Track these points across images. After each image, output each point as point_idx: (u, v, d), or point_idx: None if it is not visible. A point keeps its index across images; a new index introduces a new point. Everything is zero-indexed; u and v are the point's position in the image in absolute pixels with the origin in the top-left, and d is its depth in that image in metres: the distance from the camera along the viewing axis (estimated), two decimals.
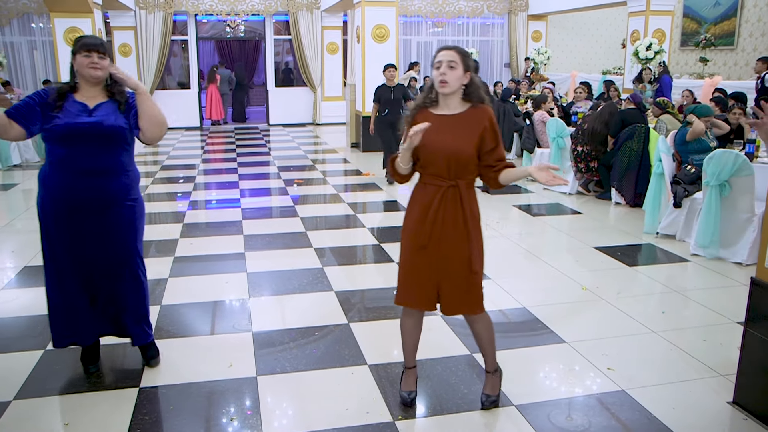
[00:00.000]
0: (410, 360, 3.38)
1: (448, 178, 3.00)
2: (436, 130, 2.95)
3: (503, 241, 6.37)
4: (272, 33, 16.65)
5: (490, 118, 3.02)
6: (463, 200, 3.02)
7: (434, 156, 2.97)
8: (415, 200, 3.10)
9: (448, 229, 3.02)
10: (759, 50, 14.53)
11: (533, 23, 17.71)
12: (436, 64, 2.98)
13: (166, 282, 5.19)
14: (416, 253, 3.07)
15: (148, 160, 11.75)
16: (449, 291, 3.10)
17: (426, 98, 3.10)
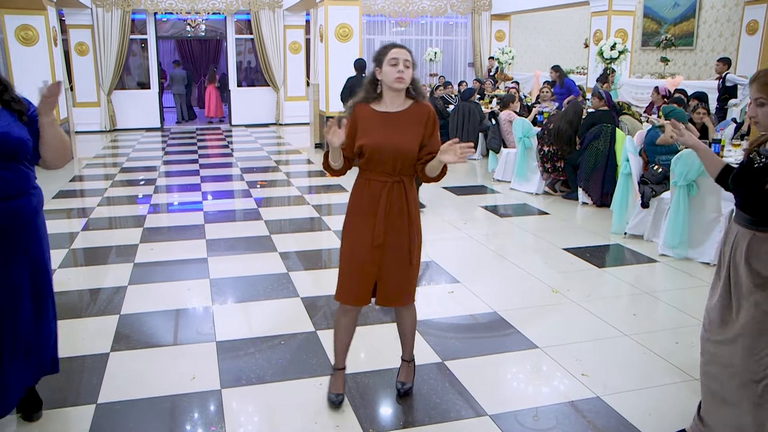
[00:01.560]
0: (341, 361, 3.36)
1: (393, 174, 3.03)
2: (380, 127, 3.00)
3: (471, 243, 6.30)
4: (234, 32, 16.39)
5: (431, 115, 3.08)
6: (408, 195, 3.08)
7: (381, 153, 2.99)
8: (361, 197, 3.10)
9: (393, 224, 3.06)
10: (717, 51, 14.78)
11: (496, 23, 17.75)
12: (392, 61, 2.97)
13: (125, 290, 4.99)
14: (364, 250, 3.07)
15: (108, 162, 11.44)
16: (388, 284, 3.15)
17: (370, 94, 3.09)
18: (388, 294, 3.18)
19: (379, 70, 3.03)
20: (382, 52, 3.04)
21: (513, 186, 8.80)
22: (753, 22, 13.50)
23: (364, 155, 3.02)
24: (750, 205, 2.56)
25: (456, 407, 3.32)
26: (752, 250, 2.53)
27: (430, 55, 16.43)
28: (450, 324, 4.40)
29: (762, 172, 2.51)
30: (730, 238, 2.66)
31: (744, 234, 2.57)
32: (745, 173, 2.58)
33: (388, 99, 3.06)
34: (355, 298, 3.17)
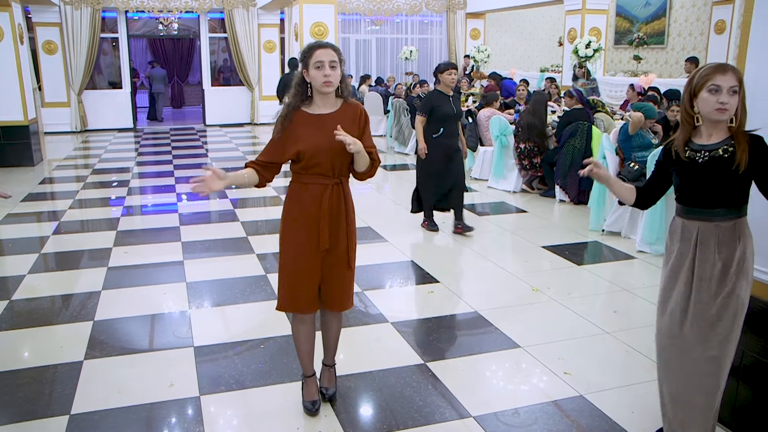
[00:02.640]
0: (309, 368, 3.30)
1: (332, 177, 3.00)
2: (318, 130, 2.93)
3: (450, 242, 6.27)
4: (207, 31, 16.21)
5: (362, 112, 3.07)
6: (346, 197, 3.07)
7: (320, 156, 2.94)
8: (300, 201, 3.02)
9: (334, 227, 3.04)
10: (687, 49, 14.96)
11: (471, 21, 17.77)
12: (316, 63, 2.89)
13: (99, 295, 4.88)
14: (307, 255, 3.02)
15: (79, 163, 11.23)
16: (330, 287, 3.11)
17: (299, 97, 3.00)
18: (330, 298, 3.14)
19: (307, 72, 2.94)
20: (307, 53, 2.94)
21: (490, 184, 8.80)
22: (720, 22, 13.73)
23: (302, 160, 2.95)
24: (710, 200, 2.59)
25: (439, 409, 3.28)
26: (721, 241, 2.58)
27: (406, 54, 16.39)
28: (431, 324, 4.36)
29: (713, 164, 2.55)
30: (690, 236, 2.66)
31: (708, 227, 2.60)
32: (697, 171, 2.59)
33: (319, 101, 3.00)
34: (304, 306, 3.10)
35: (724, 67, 2.50)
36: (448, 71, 6.17)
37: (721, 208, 2.58)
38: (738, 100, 2.50)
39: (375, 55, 17.97)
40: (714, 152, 2.55)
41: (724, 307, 2.59)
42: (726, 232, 2.58)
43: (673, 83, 11.19)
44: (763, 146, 2.52)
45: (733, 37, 13.04)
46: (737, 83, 2.48)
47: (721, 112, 2.49)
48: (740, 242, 2.59)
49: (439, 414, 3.24)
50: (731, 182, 2.53)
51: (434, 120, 6.22)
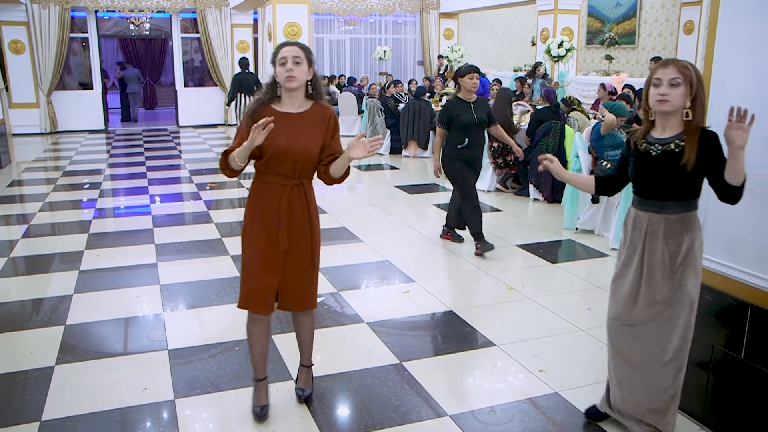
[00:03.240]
0: (261, 371, 3.26)
1: (293, 177, 2.99)
2: (283, 128, 2.90)
3: (425, 242, 6.29)
4: (179, 31, 16.06)
5: (331, 116, 3.05)
6: (308, 198, 3.05)
7: (281, 156, 2.93)
8: (260, 201, 3.01)
9: (295, 227, 3.02)
10: (657, 49, 15.17)
11: (445, 21, 17.84)
12: (280, 60, 2.90)
13: (71, 298, 4.81)
14: (266, 255, 3.00)
15: (49, 165, 11.07)
16: (291, 289, 3.10)
17: (268, 94, 3.01)
18: (291, 299, 3.13)
19: (275, 71, 2.96)
20: (274, 52, 2.97)
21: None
22: (689, 23, 13.97)
23: (264, 157, 2.94)
24: (660, 193, 2.68)
25: (416, 408, 3.29)
26: (668, 233, 2.69)
27: (380, 54, 16.40)
28: (406, 324, 4.37)
29: (664, 158, 2.64)
30: (641, 226, 2.76)
31: (657, 219, 2.70)
32: (649, 163, 2.69)
33: (287, 99, 2.99)
34: (262, 306, 3.08)
35: (666, 61, 2.63)
36: (470, 75, 5.62)
37: (670, 201, 2.68)
38: (682, 92, 2.58)
39: (349, 55, 17.96)
40: (666, 146, 2.64)
41: (672, 297, 2.72)
42: (673, 224, 2.68)
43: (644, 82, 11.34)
44: (714, 142, 2.59)
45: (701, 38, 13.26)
46: (679, 75, 2.56)
47: (662, 104, 2.59)
48: (688, 235, 2.68)
49: (415, 413, 3.25)
50: (681, 177, 2.61)
51: (455, 130, 5.69)
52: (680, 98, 2.58)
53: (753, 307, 2.82)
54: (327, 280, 5.16)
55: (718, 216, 2.98)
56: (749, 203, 2.80)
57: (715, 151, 2.58)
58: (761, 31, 2.70)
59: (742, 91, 2.80)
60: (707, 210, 3.02)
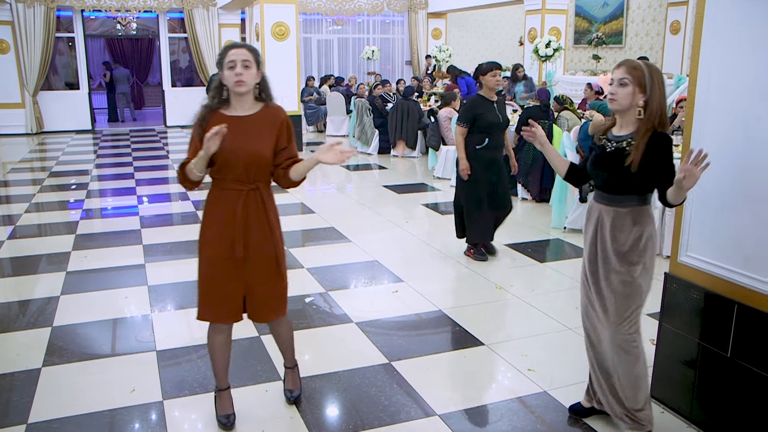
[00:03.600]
0: (224, 381, 3.19)
1: (248, 182, 2.91)
2: (233, 132, 2.80)
3: (413, 241, 6.29)
4: (167, 31, 15.99)
5: (284, 118, 2.99)
6: (265, 202, 2.97)
7: (233, 160, 2.85)
8: (215, 208, 2.95)
9: (254, 233, 2.94)
10: (644, 49, 15.27)
11: (433, 21, 17.86)
12: (229, 63, 2.82)
13: (58, 300, 4.78)
14: (224, 263, 2.93)
15: (35, 166, 10.99)
16: (259, 297, 3.02)
17: (216, 99, 2.93)
18: (259, 309, 3.05)
19: (222, 74, 2.88)
20: (221, 54, 2.88)
21: (453, 183, 8.83)
22: (675, 23, 14.07)
23: (216, 162, 2.87)
24: (611, 186, 2.80)
25: (405, 408, 3.29)
26: (615, 226, 2.79)
27: (368, 54, 16.41)
28: (395, 324, 4.37)
29: (615, 155, 2.76)
30: (594, 217, 2.90)
31: (607, 212, 2.82)
32: (602, 158, 2.82)
33: (236, 103, 2.91)
34: (223, 315, 3.00)
35: (621, 62, 2.76)
36: (492, 72, 5.31)
37: (620, 195, 2.78)
38: (629, 92, 2.68)
39: (337, 55, 17.95)
40: (620, 143, 2.76)
41: (621, 288, 2.81)
42: (623, 217, 2.78)
43: None
44: (662, 144, 2.67)
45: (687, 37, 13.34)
46: (627, 75, 2.67)
47: (611, 102, 2.75)
48: (636, 227, 2.77)
49: (404, 413, 3.25)
50: (628, 174, 2.70)
51: (477, 130, 5.39)
52: (627, 97, 2.69)
53: (739, 305, 2.84)
54: (315, 280, 5.15)
55: (704, 215, 3.00)
56: (736, 203, 2.83)
57: (663, 154, 2.67)
58: (747, 31, 2.72)
59: (728, 90, 2.83)
60: (693, 209, 3.04)
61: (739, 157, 2.80)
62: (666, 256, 5.44)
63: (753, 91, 2.72)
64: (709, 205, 2.96)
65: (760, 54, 2.67)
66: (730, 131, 2.83)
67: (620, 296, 2.83)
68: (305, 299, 4.78)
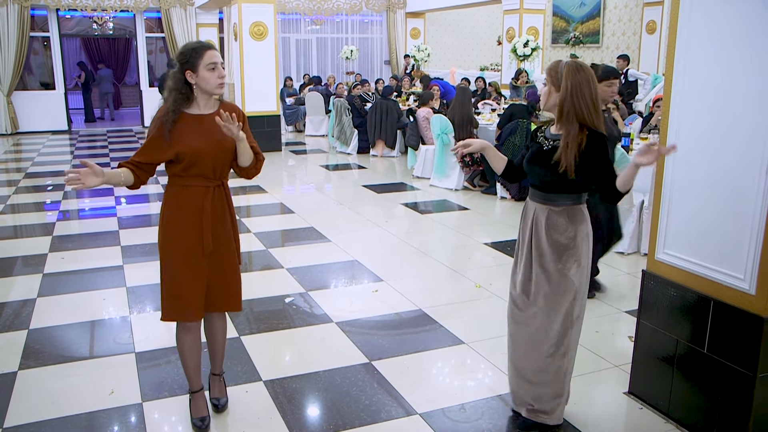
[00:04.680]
0: (197, 382, 3.18)
1: (214, 178, 2.95)
2: (198, 131, 2.86)
3: (393, 241, 6.29)
4: (144, 30, 15.85)
5: (240, 111, 3.01)
6: (227, 197, 3.04)
7: (201, 157, 2.87)
8: (180, 205, 2.93)
9: (218, 230, 2.98)
10: (621, 48, 15.41)
11: (411, 20, 17.88)
12: (209, 65, 2.81)
13: (34, 302, 4.72)
14: (191, 260, 2.94)
15: (10, 167, 10.84)
16: (218, 291, 3.05)
17: (184, 101, 2.88)
18: (219, 299, 3.07)
19: (192, 74, 2.83)
20: (193, 54, 2.82)
21: (432, 182, 8.87)
22: (651, 22, 14.24)
23: (182, 162, 2.86)
24: (545, 185, 2.84)
25: (386, 407, 3.29)
26: (550, 224, 2.84)
27: (347, 54, 16.38)
28: (375, 323, 4.37)
29: (550, 153, 2.79)
30: (529, 215, 2.94)
31: (542, 210, 2.87)
32: (538, 156, 2.86)
33: (202, 102, 2.91)
34: (190, 313, 3.00)
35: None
36: (608, 81, 4.30)
37: (555, 194, 2.83)
38: (546, 92, 2.81)
39: (316, 54, 17.90)
40: (556, 142, 2.81)
41: (556, 286, 2.85)
42: (557, 216, 2.83)
43: None
44: (597, 143, 2.71)
45: (663, 37, 13.50)
46: (545, 76, 2.81)
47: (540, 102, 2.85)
48: (572, 227, 2.82)
49: (385, 412, 3.25)
50: (560, 173, 2.74)
51: None
52: (545, 97, 2.82)
53: (715, 301, 2.88)
54: (295, 280, 5.13)
55: (681, 212, 3.03)
56: (710, 200, 2.86)
57: (597, 152, 2.71)
58: (719, 30, 2.76)
59: (702, 88, 2.86)
60: (671, 206, 3.07)
61: (713, 155, 2.83)
62: (644, 253, 5.49)
63: (726, 88, 2.75)
64: (685, 202, 3.00)
65: (732, 52, 2.71)
66: (705, 129, 2.86)
67: (552, 293, 2.87)
68: (285, 299, 4.77)
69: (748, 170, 2.68)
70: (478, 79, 13.01)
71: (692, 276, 2.99)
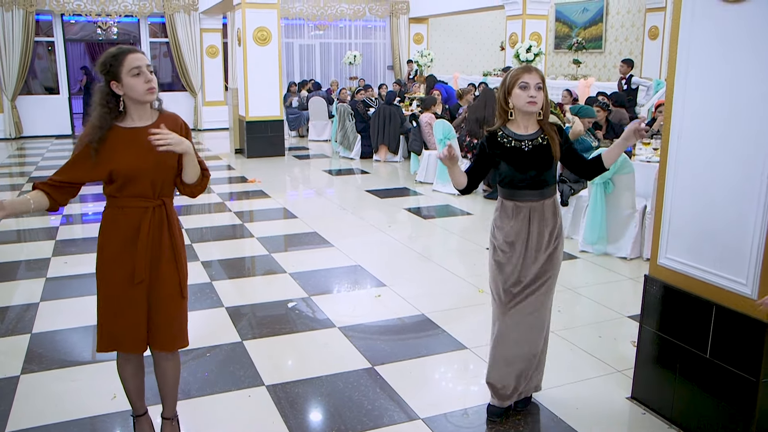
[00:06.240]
0: (139, 406, 2.99)
1: (153, 198, 2.69)
2: (134, 146, 2.60)
3: (396, 246, 6.30)
4: (148, 35, 15.91)
5: (182, 124, 2.80)
6: (170, 220, 2.75)
7: (139, 177, 2.62)
8: (115, 228, 2.69)
9: (159, 255, 2.72)
10: (623, 53, 15.41)
11: (414, 26, 17.91)
12: (132, 70, 2.55)
13: (37, 306, 4.73)
14: (126, 287, 2.69)
15: (14, 171, 10.87)
16: (161, 325, 2.77)
17: (113, 113, 2.62)
18: (161, 337, 2.80)
19: (117, 84, 2.57)
20: (113, 61, 2.57)
21: (435, 187, 8.87)
22: (654, 28, 14.25)
23: (117, 181, 2.62)
24: (537, 183, 3.02)
25: (388, 412, 3.29)
26: (545, 218, 3.06)
27: (350, 59, 16.41)
28: (378, 328, 4.37)
29: (536, 152, 3.00)
30: (522, 216, 3.05)
31: (538, 206, 3.05)
32: (525, 158, 3.00)
33: (135, 114, 2.65)
34: (126, 344, 2.77)
35: (529, 67, 3.02)
36: None
37: (543, 189, 3.05)
38: (543, 95, 2.99)
39: (319, 59, 17.93)
40: (535, 140, 3.02)
41: (548, 269, 3.09)
42: (549, 207, 3.07)
43: (611, 86, 11.47)
44: (562, 131, 3.09)
45: (665, 42, 13.50)
46: (541, 81, 2.97)
47: (532, 105, 2.96)
48: (558, 215, 3.12)
49: (387, 417, 3.25)
50: (550, 166, 3.03)
51: None
52: (543, 100, 2.99)
53: (717, 306, 2.87)
54: (298, 285, 5.14)
55: (682, 217, 3.03)
56: (711, 204, 2.86)
57: (567, 140, 3.10)
58: (722, 34, 2.76)
59: (704, 93, 2.86)
60: (673, 211, 3.07)
61: (715, 159, 2.83)
62: (646, 258, 5.49)
63: (726, 93, 2.75)
64: (686, 206, 3.00)
65: (735, 56, 2.71)
66: (707, 133, 2.86)
67: (549, 277, 3.10)
68: (288, 304, 4.77)
69: (750, 174, 2.68)
70: (480, 84, 13.00)
71: (694, 280, 2.99)
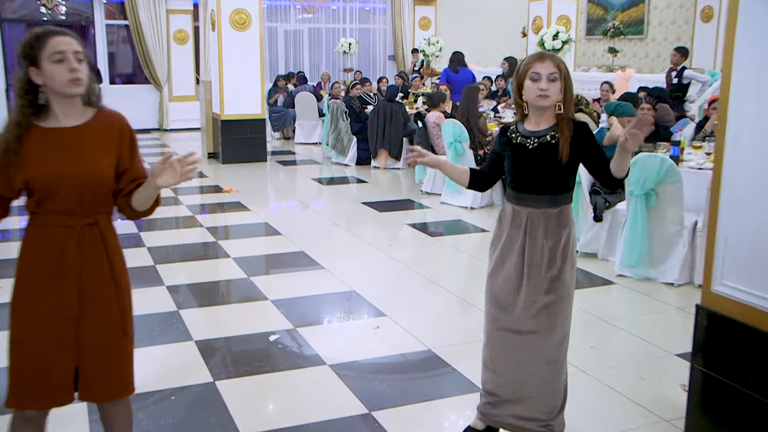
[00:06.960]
0: None
1: (82, 215, 2.56)
2: (56, 150, 2.50)
3: (397, 268, 6.30)
4: (103, 17, 16.01)
5: (125, 128, 2.67)
6: (107, 241, 2.63)
7: (61, 188, 2.50)
8: (35, 252, 2.56)
9: (92, 284, 2.59)
10: (669, 40, 15.43)
11: (420, 9, 18.02)
12: (55, 56, 2.44)
13: None
14: (49, 327, 2.55)
15: None
16: (97, 369, 2.63)
17: (30, 109, 2.53)
18: (97, 385, 2.65)
19: (36, 70, 2.47)
20: (34, 43, 2.47)
21: (444, 200, 8.87)
22: (708, 8, 14.16)
23: (35, 193, 2.51)
24: (539, 186, 3.08)
25: None
26: (548, 229, 3.08)
27: (344, 47, 16.49)
28: (376, 366, 4.36)
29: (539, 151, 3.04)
30: (519, 222, 3.12)
31: (537, 214, 3.09)
32: (526, 157, 3.08)
33: (59, 110, 2.53)
34: (44, 398, 2.61)
35: (543, 55, 3.08)
36: None
37: (548, 195, 3.08)
38: (559, 87, 3.01)
39: (308, 48, 18.03)
40: (543, 138, 3.06)
41: (551, 289, 3.09)
42: (553, 218, 3.08)
43: (656, 80, 11.45)
44: (586, 132, 3.07)
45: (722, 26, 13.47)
46: (556, 70, 2.99)
47: (543, 98, 2.99)
48: (566, 229, 3.10)
49: None
50: (557, 169, 3.03)
51: None
52: (558, 93, 3.01)
53: None
54: (282, 314, 5.13)
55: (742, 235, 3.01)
56: None
57: (589, 141, 3.06)
58: None
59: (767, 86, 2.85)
60: (730, 228, 3.06)
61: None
62: (698, 285, 5.47)
63: None
64: (746, 222, 2.98)
65: None
66: None
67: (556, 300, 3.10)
68: (269, 337, 4.76)
69: None
70: (498, 77, 13.06)
71: (756, 311, 2.97)
